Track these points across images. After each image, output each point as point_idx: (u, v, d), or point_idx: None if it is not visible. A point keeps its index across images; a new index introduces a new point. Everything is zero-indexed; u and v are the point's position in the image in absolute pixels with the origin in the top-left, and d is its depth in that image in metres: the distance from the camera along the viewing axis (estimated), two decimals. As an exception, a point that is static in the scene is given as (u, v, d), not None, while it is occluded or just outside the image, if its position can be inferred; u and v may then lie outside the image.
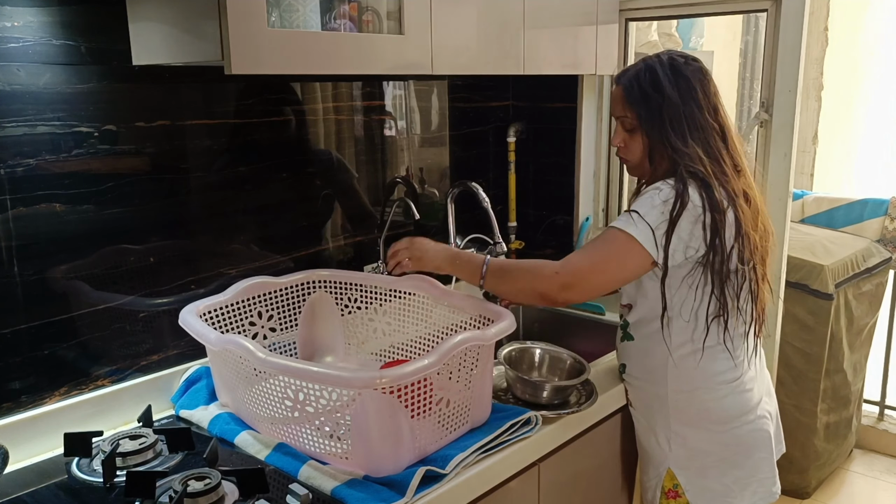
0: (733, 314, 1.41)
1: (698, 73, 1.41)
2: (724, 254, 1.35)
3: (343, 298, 1.66)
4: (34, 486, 1.22)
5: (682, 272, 1.38)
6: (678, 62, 1.41)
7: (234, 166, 1.60)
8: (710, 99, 1.41)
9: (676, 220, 1.33)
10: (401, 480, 1.15)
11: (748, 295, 1.41)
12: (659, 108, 1.39)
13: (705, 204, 1.34)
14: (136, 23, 1.35)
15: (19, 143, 1.27)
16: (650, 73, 1.40)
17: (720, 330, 1.41)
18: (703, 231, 1.34)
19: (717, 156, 1.38)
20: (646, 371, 1.51)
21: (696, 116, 1.38)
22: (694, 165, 1.35)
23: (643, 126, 1.41)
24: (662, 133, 1.39)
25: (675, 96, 1.38)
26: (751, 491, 1.49)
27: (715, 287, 1.37)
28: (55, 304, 1.35)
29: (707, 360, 1.43)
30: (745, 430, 1.46)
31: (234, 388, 1.35)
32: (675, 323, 1.43)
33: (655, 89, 1.39)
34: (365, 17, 1.45)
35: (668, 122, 1.38)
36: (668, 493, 1.52)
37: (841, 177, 4.15)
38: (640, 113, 1.41)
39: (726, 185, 1.37)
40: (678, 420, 1.48)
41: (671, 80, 1.39)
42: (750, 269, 1.39)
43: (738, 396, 1.45)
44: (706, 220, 1.34)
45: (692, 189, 1.34)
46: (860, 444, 3.10)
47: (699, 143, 1.38)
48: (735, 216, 1.36)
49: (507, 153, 2.28)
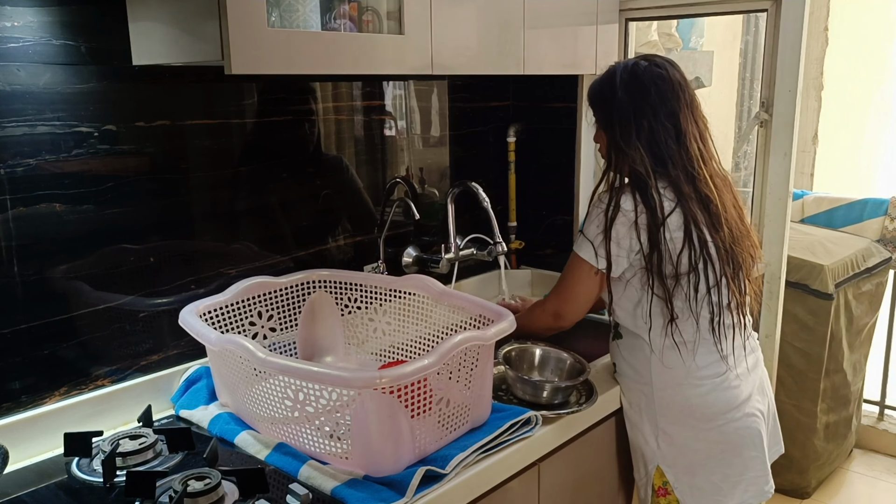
0: (685, 315, 1.43)
1: (657, 78, 1.45)
2: (664, 255, 1.40)
3: (343, 298, 1.66)
4: (34, 486, 1.22)
5: (631, 274, 1.45)
6: (639, 67, 1.47)
7: (234, 166, 1.60)
8: (668, 103, 1.45)
9: (610, 228, 1.42)
10: (401, 480, 1.15)
11: (707, 295, 1.42)
12: (610, 109, 1.47)
13: (638, 207, 1.40)
14: (136, 23, 1.35)
15: (19, 143, 1.27)
16: (609, 78, 1.49)
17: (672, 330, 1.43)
18: (637, 233, 1.40)
19: (664, 158, 1.43)
20: (632, 369, 1.53)
21: (647, 119, 1.44)
22: (635, 167, 1.42)
23: (601, 126, 1.52)
24: (613, 134, 1.47)
25: (625, 99, 1.45)
26: (741, 489, 1.50)
27: (656, 286, 1.42)
28: (55, 304, 1.35)
29: (687, 357, 1.45)
30: (732, 427, 1.47)
31: (234, 388, 1.35)
32: (654, 322, 1.46)
33: (610, 92, 1.47)
34: (365, 17, 1.45)
35: (617, 123, 1.46)
36: (658, 490, 1.53)
37: (841, 177, 4.15)
38: (598, 114, 1.52)
39: (673, 187, 1.42)
40: (664, 417, 1.49)
41: (625, 84, 1.46)
42: (704, 269, 1.41)
43: (723, 393, 1.46)
44: (640, 220, 1.40)
45: (625, 195, 1.42)
46: (860, 444, 3.10)
47: (645, 145, 1.43)
48: (683, 218, 1.40)
49: (507, 153, 2.28)
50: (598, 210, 1.45)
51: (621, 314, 1.51)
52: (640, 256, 1.42)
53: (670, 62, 1.48)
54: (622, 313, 1.51)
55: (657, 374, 1.48)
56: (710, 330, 1.45)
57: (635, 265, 1.43)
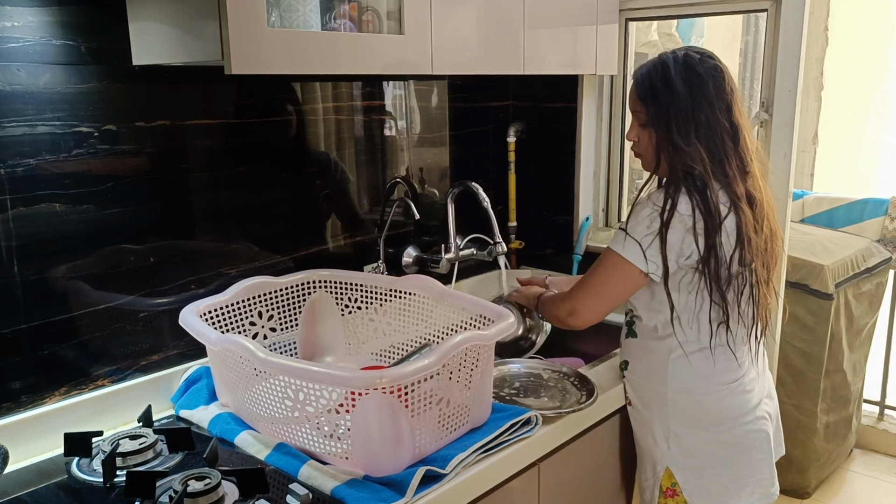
0: (734, 317, 1.40)
1: (713, 70, 1.39)
2: (720, 258, 1.35)
3: (343, 298, 1.66)
4: (34, 486, 1.22)
5: (679, 277, 1.39)
6: (692, 59, 1.39)
7: (234, 166, 1.60)
8: (724, 97, 1.38)
9: (665, 231, 1.34)
10: (401, 480, 1.15)
11: (750, 298, 1.41)
12: (667, 104, 1.37)
13: (696, 210, 1.34)
14: (136, 23, 1.35)
15: (19, 143, 1.27)
16: (662, 69, 1.39)
17: (723, 332, 1.41)
18: (694, 237, 1.34)
19: (721, 156, 1.37)
20: (647, 369, 1.51)
21: (704, 114, 1.36)
22: (693, 165, 1.35)
23: (651, 122, 1.41)
24: (668, 130, 1.38)
25: (684, 93, 1.36)
26: (748, 491, 1.49)
27: (714, 292, 1.37)
28: (55, 304, 1.35)
29: (708, 362, 1.44)
30: (743, 430, 1.46)
31: (234, 387, 1.35)
32: (678, 324, 1.43)
33: (665, 85, 1.38)
34: (365, 17, 1.45)
35: (675, 119, 1.37)
36: (665, 491, 1.52)
37: (841, 177, 4.15)
38: (650, 108, 1.40)
39: (728, 187, 1.36)
40: (677, 419, 1.48)
41: (682, 77, 1.37)
42: (751, 272, 1.39)
43: (738, 397, 1.45)
44: (697, 226, 1.34)
45: (682, 196, 1.35)
46: (860, 444, 3.10)
47: (703, 142, 1.36)
48: (736, 220, 1.36)
49: (507, 153, 2.28)
50: (648, 210, 1.37)
51: (647, 314, 1.47)
52: (691, 260, 1.36)
53: (713, 55, 1.43)
54: (649, 314, 1.46)
55: (674, 377, 1.46)
56: (747, 335, 1.44)
57: (683, 268, 1.38)
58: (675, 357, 1.45)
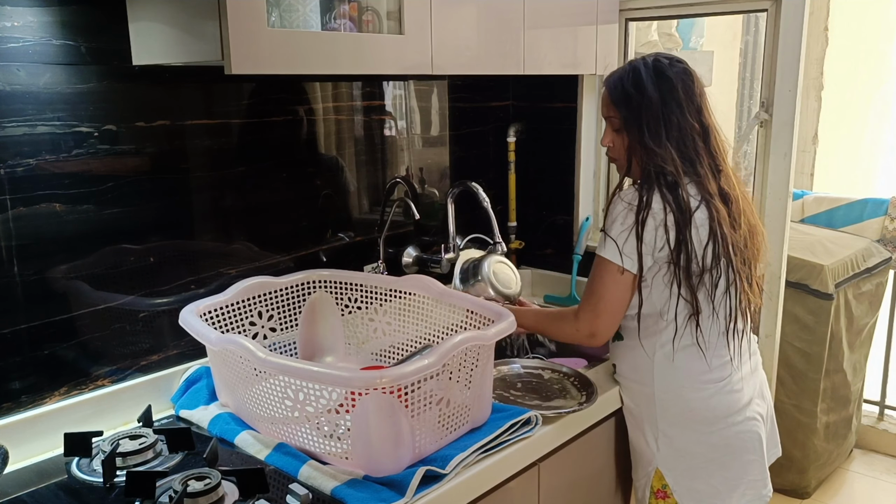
0: (707, 313, 1.42)
1: (682, 73, 1.43)
2: (691, 252, 1.38)
3: (343, 298, 1.66)
4: (34, 486, 1.22)
5: (654, 272, 1.41)
6: (662, 64, 1.44)
7: (234, 166, 1.60)
8: (694, 99, 1.43)
9: (640, 228, 1.38)
10: (401, 480, 1.15)
11: (725, 294, 1.42)
12: (638, 108, 1.42)
13: (668, 205, 1.37)
14: (136, 23, 1.35)
15: (19, 143, 1.27)
16: (634, 74, 1.44)
17: (694, 329, 1.42)
18: (665, 231, 1.37)
19: (692, 156, 1.41)
20: (633, 370, 1.52)
21: (675, 116, 1.41)
22: (664, 166, 1.39)
23: (624, 126, 1.45)
24: (640, 133, 1.42)
25: (655, 97, 1.41)
26: (739, 493, 1.49)
27: (682, 287, 1.40)
28: (55, 304, 1.35)
29: (689, 359, 1.45)
30: (733, 431, 1.47)
31: (234, 387, 1.35)
32: (658, 322, 1.45)
33: (637, 90, 1.42)
34: (365, 17, 1.45)
35: (646, 122, 1.41)
36: (656, 493, 1.53)
37: (841, 177, 4.15)
38: (622, 113, 1.45)
39: (700, 185, 1.40)
40: (665, 420, 1.49)
41: (653, 81, 1.42)
42: (726, 267, 1.40)
43: (726, 397, 1.46)
44: (668, 220, 1.37)
45: (655, 194, 1.38)
46: (860, 444, 3.10)
47: (674, 144, 1.40)
48: (707, 213, 1.39)
49: (507, 153, 2.28)
50: (620, 208, 1.41)
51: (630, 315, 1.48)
52: (663, 254, 1.39)
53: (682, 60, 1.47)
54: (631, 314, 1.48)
55: (659, 377, 1.47)
56: (725, 332, 1.44)
57: (658, 262, 1.40)
58: (659, 356, 1.46)
